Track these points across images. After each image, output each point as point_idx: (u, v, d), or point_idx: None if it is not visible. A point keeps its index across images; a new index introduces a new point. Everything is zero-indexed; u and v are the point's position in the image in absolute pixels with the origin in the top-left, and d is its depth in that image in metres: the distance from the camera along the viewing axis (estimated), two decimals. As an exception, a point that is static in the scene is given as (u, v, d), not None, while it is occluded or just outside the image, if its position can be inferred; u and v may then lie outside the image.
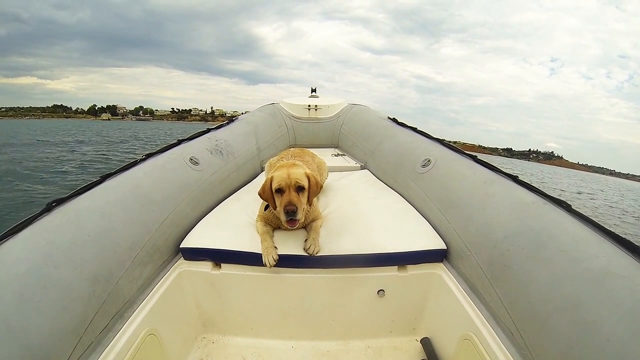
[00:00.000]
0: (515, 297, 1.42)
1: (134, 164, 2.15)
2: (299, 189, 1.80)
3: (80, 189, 1.77)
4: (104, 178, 1.92)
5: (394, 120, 3.82)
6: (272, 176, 1.84)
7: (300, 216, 1.79)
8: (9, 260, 1.30)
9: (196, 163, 2.49)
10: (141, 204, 1.90)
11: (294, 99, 5.03)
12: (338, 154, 4.32)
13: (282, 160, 2.43)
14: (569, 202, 1.54)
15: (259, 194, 1.90)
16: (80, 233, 1.52)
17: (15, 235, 1.40)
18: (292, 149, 3.17)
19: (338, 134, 4.76)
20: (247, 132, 3.64)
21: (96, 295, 1.41)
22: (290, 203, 1.73)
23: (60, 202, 1.64)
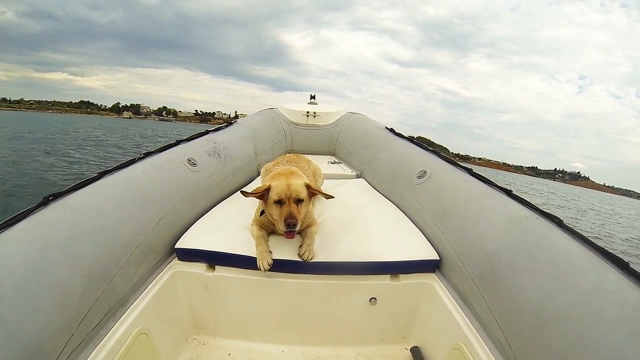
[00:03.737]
0: (506, 308, 1.44)
1: (132, 162, 2.15)
2: (298, 200, 1.81)
3: (77, 184, 1.77)
4: (102, 175, 1.92)
5: (392, 130, 3.85)
6: (270, 185, 1.83)
7: (299, 228, 1.79)
8: (3, 252, 1.30)
9: (194, 164, 2.49)
10: (138, 203, 1.90)
11: (293, 105, 5.05)
12: (334, 161, 4.35)
13: (278, 166, 2.43)
14: (560, 218, 1.57)
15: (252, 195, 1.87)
16: (76, 229, 1.52)
17: (11, 228, 1.40)
18: (288, 154, 3.18)
19: (335, 142, 4.79)
20: (246, 136, 3.65)
21: (90, 292, 1.41)
22: (291, 216, 1.73)
23: (57, 196, 1.64)
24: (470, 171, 2.31)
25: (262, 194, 1.84)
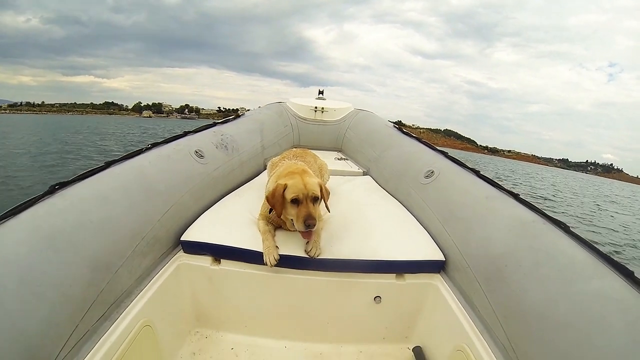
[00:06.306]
0: (510, 312, 1.43)
1: (139, 152, 2.14)
2: (314, 199, 1.80)
3: (84, 173, 1.75)
4: (108, 164, 1.90)
5: (399, 128, 3.83)
6: (286, 184, 1.79)
7: (316, 226, 1.77)
8: (9, 241, 1.28)
9: (201, 156, 2.49)
10: (144, 193, 1.89)
11: (301, 100, 5.03)
12: (341, 157, 4.33)
13: (285, 160, 2.42)
14: (567, 224, 1.56)
15: (267, 199, 1.86)
16: (82, 218, 1.51)
17: (17, 216, 1.38)
18: (294, 149, 3.16)
19: (342, 138, 4.77)
20: (253, 129, 3.63)
21: (95, 283, 1.41)
22: (310, 216, 1.71)
23: (63, 185, 1.62)
24: (477, 173, 2.29)
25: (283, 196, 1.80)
